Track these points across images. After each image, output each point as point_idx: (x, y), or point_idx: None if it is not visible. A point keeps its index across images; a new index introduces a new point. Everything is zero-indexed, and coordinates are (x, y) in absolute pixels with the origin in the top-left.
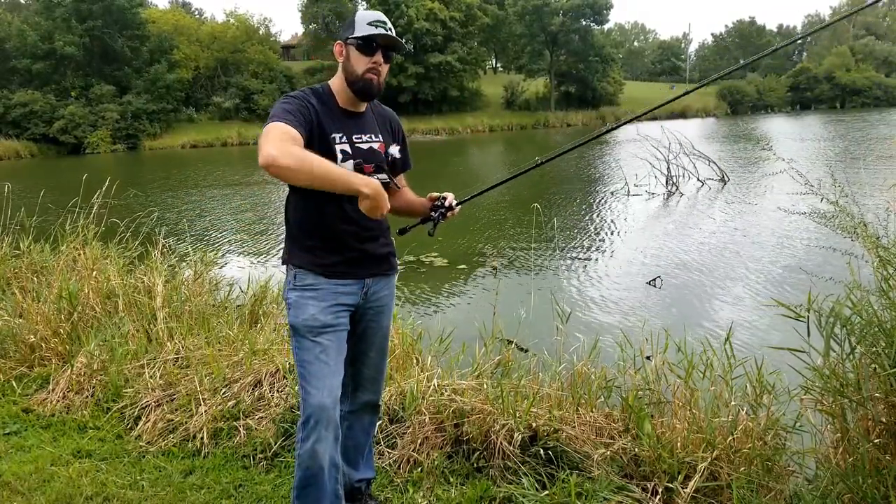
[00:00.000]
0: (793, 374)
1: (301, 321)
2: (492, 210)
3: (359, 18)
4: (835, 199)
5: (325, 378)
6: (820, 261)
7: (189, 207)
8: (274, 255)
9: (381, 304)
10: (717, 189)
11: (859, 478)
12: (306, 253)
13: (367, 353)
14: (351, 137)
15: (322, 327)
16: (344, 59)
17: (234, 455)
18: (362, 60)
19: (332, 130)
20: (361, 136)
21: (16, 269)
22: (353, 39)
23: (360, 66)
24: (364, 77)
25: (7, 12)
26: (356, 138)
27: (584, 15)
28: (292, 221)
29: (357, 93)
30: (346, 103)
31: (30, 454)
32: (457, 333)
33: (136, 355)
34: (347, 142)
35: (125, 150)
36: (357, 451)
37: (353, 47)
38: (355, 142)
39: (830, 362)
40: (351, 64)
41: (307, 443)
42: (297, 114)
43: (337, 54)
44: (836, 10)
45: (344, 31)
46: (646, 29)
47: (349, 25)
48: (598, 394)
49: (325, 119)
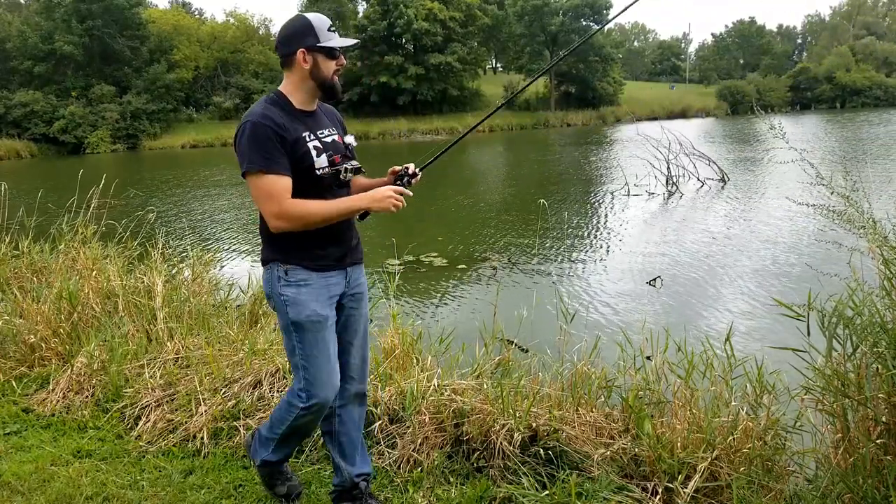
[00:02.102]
0: (793, 374)
1: (305, 317)
2: (492, 210)
3: (318, 26)
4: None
5: (332, 374)
6: (821, 261)
7: (189, 207)
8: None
9: (360, 291)
10: (717, 189)
11: (860, 478)
12: (296, 250)
13: (352, 342)
14: (316, 133)
15: (325, 320)
16: (311, 66)
17: (234, 455)
18: (330, 65)
19: (301, 132)
20: (323, 131)
21: (15, 270)
22: (322, 48)
23: (329, 69)
24: (332, 78)
25: (7, 12)
26: (320, 133)
27: (584, 15)
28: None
29: (327, 92)
30: (302, 104)
31: (30, 454)
32: (457, 333)
33: (136, 355)
34: (315, 138)
35: (125, 150)
36: (352, 446)
37: (320, 54)
38: (320, 136)
39: (832, 362)
40: (320, 70)
41: (306, 416)
42: (273, 152)
43: (301, 61)
44: (835, 10)
45: (305, 39)
46: (646, 29)
47: (309, 33)
48: (598, 394)
49: (291, 125)
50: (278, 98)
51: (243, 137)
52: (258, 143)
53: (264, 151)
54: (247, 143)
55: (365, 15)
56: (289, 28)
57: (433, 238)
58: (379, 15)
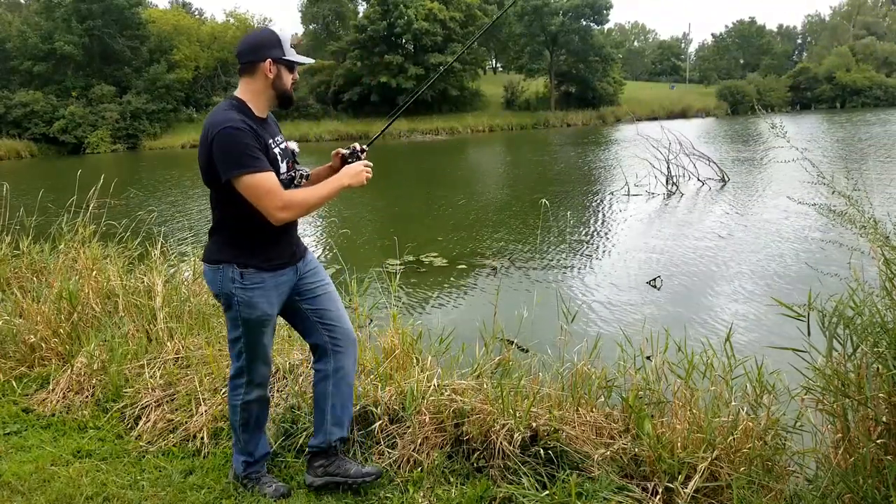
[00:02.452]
0: (793, 374)
1: (256, 318)
2: (491, 209)
3: (284, 39)
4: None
5: (268, 357)
6: (821, 261)
7: (188, 207)
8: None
9: (313, 267)
10: (717, 189)
11: (860, 478)
12: (252, 253)
13: (327, 306)
14: (275, 140)
15: (272, 319)
16: (274, 76)
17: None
18: (289, 77)
19: (266, 138)
20: (277, 139)
21: (15, 270)
22: (286, 60)
23: (289, 81)
24: (290, 89)
25: (7, 12)
26: (277, 140)
27: (584, 15)
28: (232, 225)
29: (284, 102)
30: (259, 112)
31: (30, 454)
32: (457, 333)
33: (136, 355)
34: (276, 145)
35: (125, 150)
36: (344, 410)
37: (283, 67)
38: (278, 143)
39: (832, 362)
40: (282, 80)
41: (252, 394)
42: (257, 152)
43: (267, 70)
44: (835, 10)
45: (272, 50)
46: (646, 29)
47: (277, 45)
48: (598, 394)
49: (260, 131)
50: (240, 105)
51: (223, 144)
52: (243, 147)
53: (250, 152)
54: (230, 148)
55: (365, 15)
56: (257, 38)
57: (433, 238)
58: (379, 15)
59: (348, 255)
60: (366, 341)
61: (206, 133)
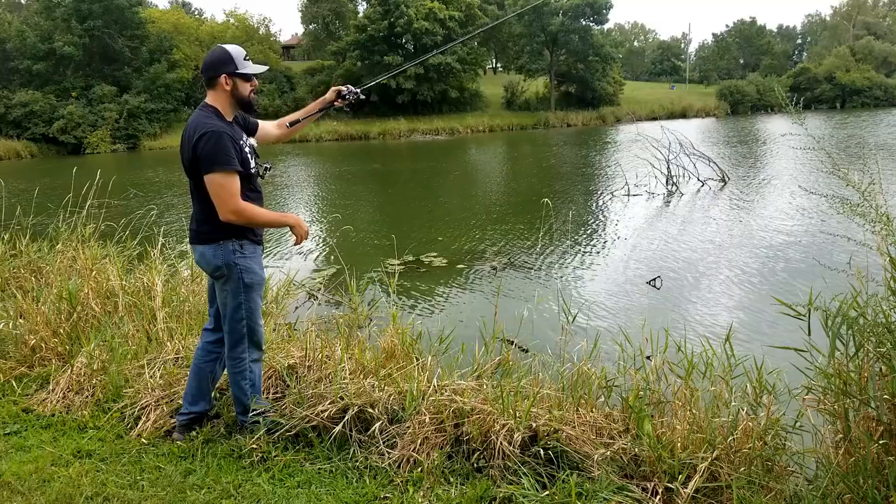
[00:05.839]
0: (793, 374)
1: (256, 280)
2: (491, 210)
3: (235, 55)
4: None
5: (261, 320)
6: (822, 261)
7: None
8: (274, 255)
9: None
10: (717, 189)
11: (860, 478)
12: (244, 230)
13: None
14: (244, 139)
15: (263, 282)
16: (232, 88)
17: (234, 455)
18: (246, 86)
19: (237, 138)
20: (243, 137)
21: (14, 270)
22: (239, 73)
23: (246, 90)
24: (249, 96)
25: (7, 12)
26: (245, 139)
27: (584, 15)
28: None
29: (245, 108)
30: (228, 116)
31: (30, 454)
32: (457, 333)
33: (136, 355)
34: (246, 143)
35: (125, 150)
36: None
37: (238, 78)
38: (247, 141)
39: (835, 362)
40: (238, 90)
41: (254, 354)
42: (235, 155)
43: (223, 84)
44: (835, 10)
45: (225, 66)
46: (646, 29)
47: (229, 61)
48: (598, 394)
49: (232, 134)
50: (214, 111)
51: (210, 143)
52: (226, 148)
53: (230, 154)
54: (215, 148)
55: (365, 15)
56: (213, 57)
57: (433, 238)
58: (379, 15)
59: (348, 255)
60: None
61: (191, 133)
